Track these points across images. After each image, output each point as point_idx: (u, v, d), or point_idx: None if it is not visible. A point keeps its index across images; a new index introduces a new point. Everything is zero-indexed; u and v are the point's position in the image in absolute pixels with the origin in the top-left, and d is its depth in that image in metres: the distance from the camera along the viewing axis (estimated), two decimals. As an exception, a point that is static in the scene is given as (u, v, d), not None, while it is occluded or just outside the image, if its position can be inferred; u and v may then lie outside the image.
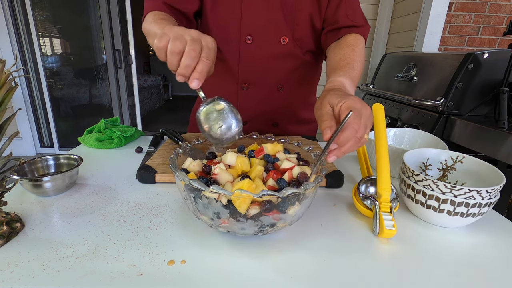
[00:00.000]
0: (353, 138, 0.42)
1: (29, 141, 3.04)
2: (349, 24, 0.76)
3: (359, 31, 0.77)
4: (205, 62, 0.46)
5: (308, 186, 0.37)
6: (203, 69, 0.46)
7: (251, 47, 0.78)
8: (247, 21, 0.75)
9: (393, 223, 0.45)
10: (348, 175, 0.69)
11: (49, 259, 0.38)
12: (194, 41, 0.45)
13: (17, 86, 0.41)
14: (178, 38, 0.45)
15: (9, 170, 0.43)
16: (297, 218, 0.42)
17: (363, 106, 0.44)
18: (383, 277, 0.38)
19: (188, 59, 0.45)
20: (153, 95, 5.65)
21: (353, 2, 0.78)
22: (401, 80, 1.48)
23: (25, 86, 2.90)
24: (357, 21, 0.77)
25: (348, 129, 0.42)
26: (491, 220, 0.53)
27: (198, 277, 0.36)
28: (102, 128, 0.83)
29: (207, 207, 0.38)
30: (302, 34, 0.78)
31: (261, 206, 0.37)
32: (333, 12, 0.77)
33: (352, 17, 0.77)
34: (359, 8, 0.80)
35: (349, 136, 0.42)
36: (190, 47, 0.45)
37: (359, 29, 0.77)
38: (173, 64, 0.46)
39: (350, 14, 0.76)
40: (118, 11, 2.88)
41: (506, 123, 1.01)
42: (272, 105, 0.87)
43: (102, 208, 0.51)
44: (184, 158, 0.50)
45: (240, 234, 0.41)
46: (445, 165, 0.59)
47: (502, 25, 2.04)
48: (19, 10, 2.73)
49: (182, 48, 0.45)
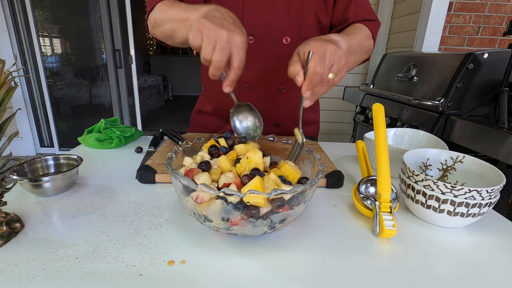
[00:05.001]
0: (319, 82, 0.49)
1: (29, 141, 3.04)
2: (358, 20, 0.77)
3: (368, 24, 0.77)
4: (237, 73, 0.49)
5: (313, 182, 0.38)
6: (234, 79, 0.50)
7: (253, 48, 0.77)
8: (249, 21, 0.75)
9: (393, 223, 0.45)
10: (348, 175, 0.69)
11: (48, 259, 0.38)
12: (222, 50, 0.47)
13: (17, 86, 0.41)
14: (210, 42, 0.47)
15: (9, 170, 0.43)
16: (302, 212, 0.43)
17: (325, 44, 0.50)
18: (383, 277, 0.38)
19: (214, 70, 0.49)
20: (153, 95, 5.65)
21: (363, 1, 0.78)
22: (401, 80, 1.48)
23: (25, 86, 2.90)
24: (367, 17, 0.77)
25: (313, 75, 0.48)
26: (491, 220, 0.53)
27: (198, 277, 0.36)
28: (102, 128, 0.83)
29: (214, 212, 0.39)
30: (308, 33, 0.78)
31: (273, 203, 0.37)
32: (343, 11, 0.78)
33: (362, 15, 0.77)
34: (369, 6, 0.80)
35: (315, 81, 0.48)
36: (217, 59, 0.47)
37: (369, 23, 0.77)
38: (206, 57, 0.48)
39: (359, 13, 0.77)
40: (118, 11, 2.88)
41: (506, 123, 1.01)
42: (274, 106, 0.86)
43: (102, 208, 0.51)
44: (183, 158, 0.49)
45: (249, 235, 0.41)
46: (445, 165, 0.59)
47: (502, 25, 2.04)
48: (19, 10, 2.73)
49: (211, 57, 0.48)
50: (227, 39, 0.47)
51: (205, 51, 0.47)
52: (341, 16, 0.78)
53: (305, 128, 0.95)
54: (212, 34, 0.47)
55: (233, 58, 0.48)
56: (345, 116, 2.70)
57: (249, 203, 0.36)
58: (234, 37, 0.48)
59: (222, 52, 0.47)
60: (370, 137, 0.70)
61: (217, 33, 0.47)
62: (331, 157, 0.80)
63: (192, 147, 0.54)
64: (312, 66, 0.49)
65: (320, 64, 0.49)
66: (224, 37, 0.47)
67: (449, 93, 1.15)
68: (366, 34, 0.75)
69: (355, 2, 0.77)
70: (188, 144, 0.53)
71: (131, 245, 0.41)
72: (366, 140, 0.71)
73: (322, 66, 0.49)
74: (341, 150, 0.86)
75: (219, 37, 0.47)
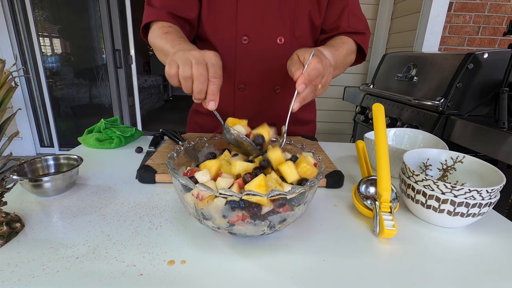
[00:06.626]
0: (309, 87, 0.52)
1: (29, 141, 3.03)
2: (349, 31, 0.79)
3: (357, 38, 0.79)
4: (214, 82, 0.48)
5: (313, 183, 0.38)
6: (213, 90, 0.48)
7: (247, 48, 0.77)
8: (243, 21, 0.75)
9: (393, 223, 0.45)
10: (348, 175, 0.69)
11: (49, 259, 0.38)
12: (198, 63, 0.48)
13: (17, 86, 0.41)
14: (186, 62, 0.48)
15: (9, 170, 0.43)
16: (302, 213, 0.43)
17: (322, 56, 0.54)
18: (383, 277, 0.38)
19: (198, 85, 0.47)
20: (153, 95, 5.65)
21: (356, 9, 0.80)
22: (401, 80, 1.48)
23: (25, 86, 2.90)
24: (358, 28, 0.79)
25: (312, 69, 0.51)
26: (491, 220, 0.53)
27: (198, 277, 0.36)
28: (102, 128, 0.83)
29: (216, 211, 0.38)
30: (302, 32, 0.79)
31: (274, 202, 0.37)
32: (336, 17, 0.79)
33: (354, 25, 0.79)
34: (362, 15, 0.81)
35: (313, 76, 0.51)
36: (198, 72, 0.47)
37: (358, 36, 0.79)
38: (187, 88, 0.49)
39: (352, 22, 0.78)
40: (118, 11, 2.88)
41: (506, 123, 1.01)
42: (269, 106, 0.87)
43: (102, 208, 0.51)
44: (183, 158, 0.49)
45: (249, 234, 0.41)
46: (445, 165, 0.59)
47: (502, 25, 2.04)
48: (19, 10, 2.73)
49: (191, 73, 0.48)
50: (199, 55, 0.49)
51: (184, 71, 0.48)
52: (334, 22, 0.80)
53: (302, 128, 0.95)
54: (185, 57, 0.49)
55: (208, 71, 0.49)
56: (345, 116, 2.70)
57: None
58: (206, 52, 0.50)
59: (199, 65, 0.48)
60: (370, 137, 0.70)
61: (189, 54, 0.49)
62: (331, 157, 0.80)
63: (194, 147, 0.54)
64: (313, 63, 0.51)
65: (320, 63, 0.52)
66: (196, 55, 0.49)
67: (449, 93, 1.15)
68: (350, 49, 0.77)
69: (348, 10, 0.78)
70: (189, 144, 0.53)
71: (131, 245, 0.41)
72: (366, 140, 0.71)
73: (322, 66, 0.52)
74: (341, 150, 0.86)
75: (192, 56, 0.49)
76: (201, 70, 0.47)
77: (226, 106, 0.85)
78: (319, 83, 0.54)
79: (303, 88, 0.51)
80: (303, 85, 0.51)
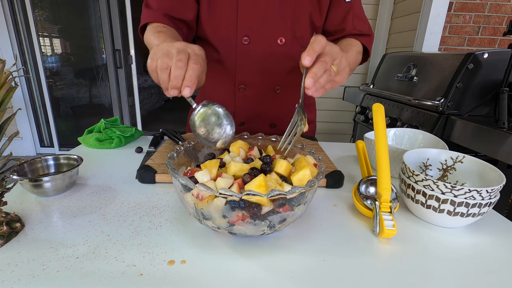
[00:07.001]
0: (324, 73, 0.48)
1: (29, 141, 3.03)
2: (354, 33, 0.79)
3: (363, 40, 0.79)
4: (193, 67, 0.44)
5: (312, 183, 0.38)
6: (191, 75, 0.44)
7: (248, 48, 0.77)
8: (244, 22, 0.75)
9: (393, 223, 0.45)
10: (348, 175, 0.69)
11: (49, 259, 0.38)
12: (180, 52, 0.44)
13: (17, 86, 0.41)
14: (166, 54, 0.45)
15: (9, 170, 0.43)
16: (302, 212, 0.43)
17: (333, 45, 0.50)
18: (383, 277, 0.38)
19: (176, 70, 0.43)
20: (153, 95, 5.65)
21: (359, 12, 0.80)
22: (401, 80, 1.48)
23: (25, 86, 2.89)
24: (363, 30, 0.79)
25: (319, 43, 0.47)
26: (491, 220, 0.53)
27: (198, 277, 0.36)
28: (102, 128, 0.83)
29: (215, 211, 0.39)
30: (302, 32, 0.79)
31: (274, 202, 0.37)
32: (341, 20, 0.79)
33: (359, 27, 0.79)
34: (365, 17, 0.82)
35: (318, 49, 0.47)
36: (177, 58, 0.44)
37: (364, 38, 0.79)
38: (164, 80, 0.45)
39: (357, 24, 0.79)
40: (118, 11, 2.88)
41: (506, 123, 1.01)
42: (270, 106, 0.87)
43: (102, 208, 0.51)
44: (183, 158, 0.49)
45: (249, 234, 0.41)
46: (445, 165, 0.59)
47: (502, 25, 2.04)
48: (19, 10, 2.73)
49: (171, 63, 0.44)
50: (182, 46, 0.46)
51: (162, 63, 0.44)
52: (339, 25, 0.80)
53: None
54: (166, 49, 0.46)
55: (189, 59, 0.45)
56: (345, 116, 2.70)
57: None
58: (190, 44, 0.47)
59: (181, 53, 0.44)
60: (370, 137, 0.70)
61: (172, 46, 0.46)
62: (331, 157, 0.80)
63: (194, 147, 0.54)
64: (314, 37, 0.47)
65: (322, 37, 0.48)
66: (179, 45, 0.46)
67: (449, 93, 1.15)
68: (358, 51, 0.77)
69: (353, 12, 0.78)
70: (189, 144, 0.53)
71: (131, 245, 0.41)
72: (366, 140, 0.71)
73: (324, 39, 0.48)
74: (341, 150, 0.86)
75: (174, 47, 0.45)
76: (180, 56, 0.44)
77: (226, 106, 0.84)
78: (329, 61, 0.48)
79: (309, 60, 0.46)
80: (308, 57, 0.46)
